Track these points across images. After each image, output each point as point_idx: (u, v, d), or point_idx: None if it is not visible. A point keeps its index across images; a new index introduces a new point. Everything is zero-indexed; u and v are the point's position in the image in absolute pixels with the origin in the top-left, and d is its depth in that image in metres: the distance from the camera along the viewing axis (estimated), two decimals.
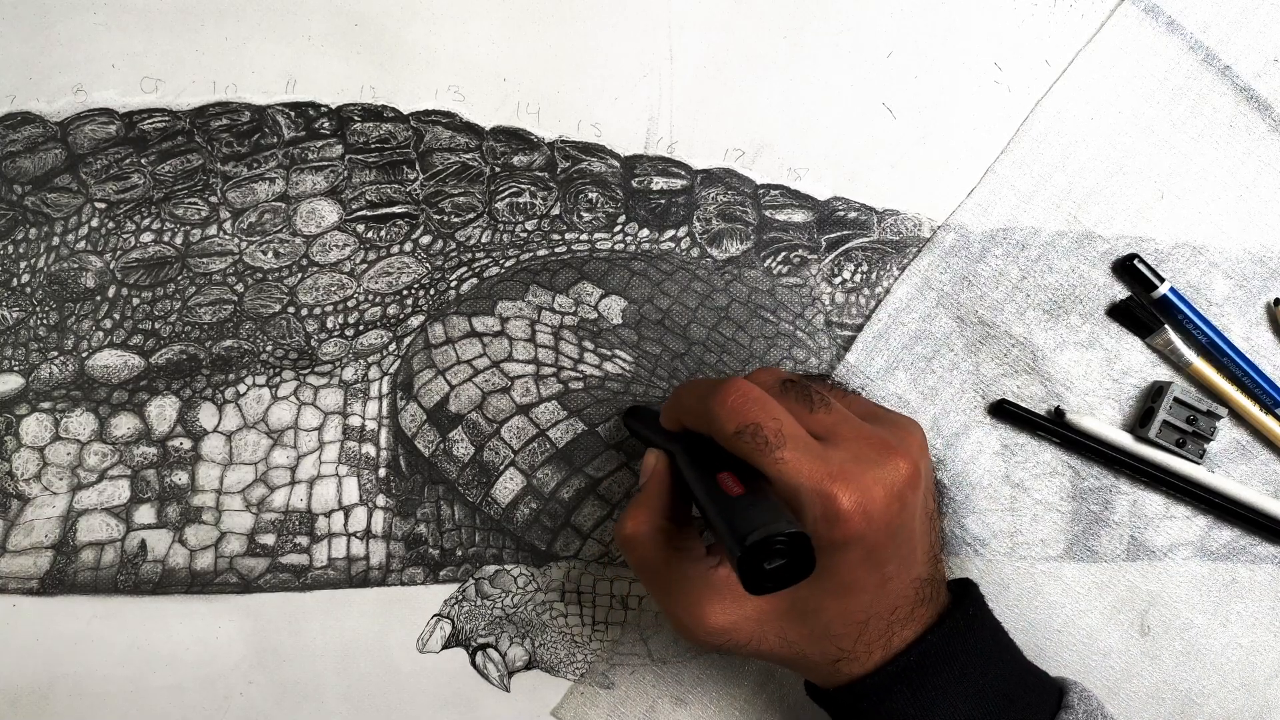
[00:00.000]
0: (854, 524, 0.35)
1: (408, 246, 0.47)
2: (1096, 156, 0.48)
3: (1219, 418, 0.47)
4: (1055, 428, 0.47)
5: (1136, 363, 0.48)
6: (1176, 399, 0.47)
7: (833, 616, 0.37)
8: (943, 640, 0.39)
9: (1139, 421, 0.48)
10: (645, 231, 0.48)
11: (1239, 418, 0.48)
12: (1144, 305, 0.48)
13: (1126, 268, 0.48)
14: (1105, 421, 0.48)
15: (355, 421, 0.47)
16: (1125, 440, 0.47)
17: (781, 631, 0.38)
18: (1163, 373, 0.48)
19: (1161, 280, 0.47)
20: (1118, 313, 0.48)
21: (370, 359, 0.47)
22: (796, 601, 0.38)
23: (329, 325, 0.47)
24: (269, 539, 0.46)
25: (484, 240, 0.47)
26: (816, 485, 0.34)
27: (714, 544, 0.40)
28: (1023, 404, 0.48)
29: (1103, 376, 0.48)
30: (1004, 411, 0.47)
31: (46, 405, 0.46)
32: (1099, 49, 0.48)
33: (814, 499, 0.34)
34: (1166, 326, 0.47)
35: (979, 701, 0.38)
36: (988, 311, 0.48)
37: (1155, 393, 0.48)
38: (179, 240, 0.46)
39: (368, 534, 0.47)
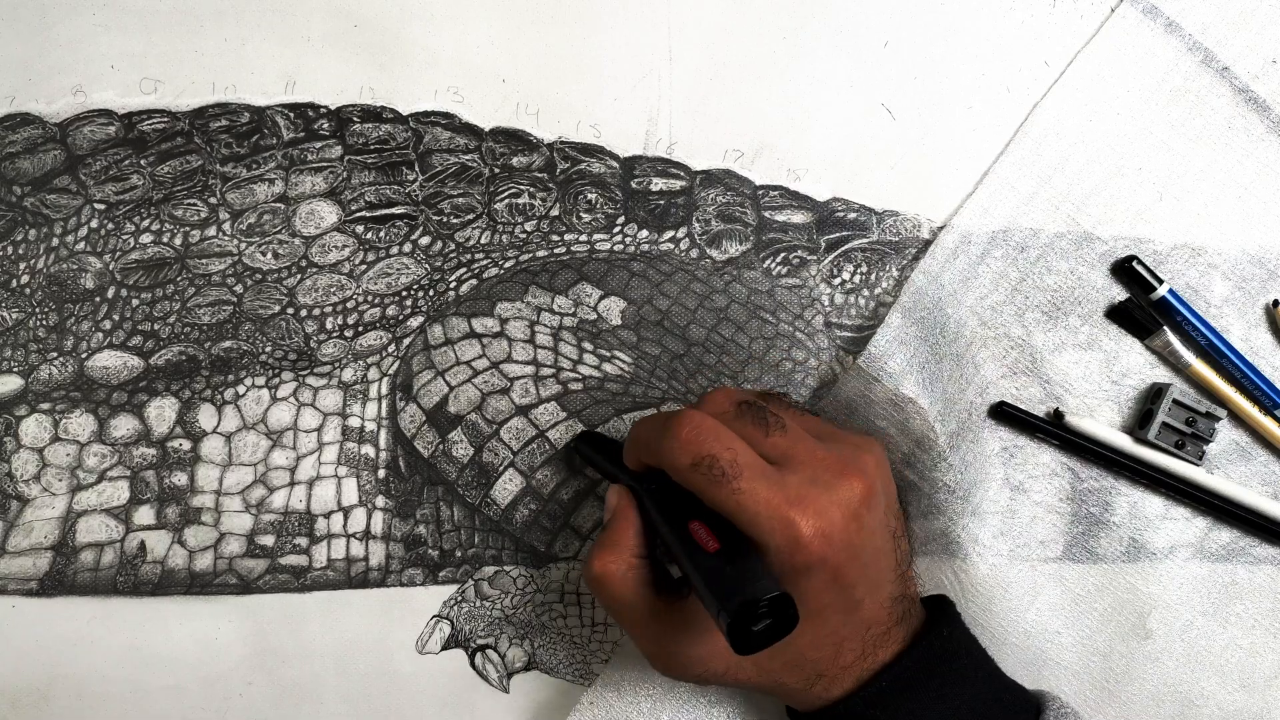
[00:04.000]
0: (815, 548, 0.35)
1: (407, 247, 0.47)
2: (1095, 158, 0.48)
3: (1218, 419, 0.47)
4: (1054, 430, 0.47)
5: (1135, 364, 0.48)
6: (1175, 400, 0.47)
7: (805, 643, 0.38)
8: (917, 663, 0.39)
9: (1138, 423, 0.48)
10: (644, 232, 0.48)
11: (1238, 419, 0.48)
12: (1143, 307, 0.48)
13: (1125, 269, 0.48)
14: (1104, 423, 0.48)
15: (354, 422, 0.47)
16: (1124, 442, 0.47)
17: (757, 660, 0.38)
18: (1162, 374, 0.48)
19: (1160, 282, 0.47)
20: (1117, 314, 0.48)
21: (369, 360, 0.47)
22: None
23: (328, 326, 0.47)
24: (268, 540, 0.46)
25: (483, 241, 0.47)
26: (774, 512, 0.35)
27: (683, 577, 0.39)
28: (1022, 406, 0.48)
29: (1102, 378, 0.48)
30: (1003, 414, 0.47)
31: (46, 406, 0.46)
32: (1098, 50, 0.48)
33: (773, 526, 0.35)
34: (1165, 328, 0.47)
35: None
36: (987, 313, 0.48)
37: (1154, 394, 0.48)
38: (178, 241, 0.46)
39: (367, 535, 0.47)
